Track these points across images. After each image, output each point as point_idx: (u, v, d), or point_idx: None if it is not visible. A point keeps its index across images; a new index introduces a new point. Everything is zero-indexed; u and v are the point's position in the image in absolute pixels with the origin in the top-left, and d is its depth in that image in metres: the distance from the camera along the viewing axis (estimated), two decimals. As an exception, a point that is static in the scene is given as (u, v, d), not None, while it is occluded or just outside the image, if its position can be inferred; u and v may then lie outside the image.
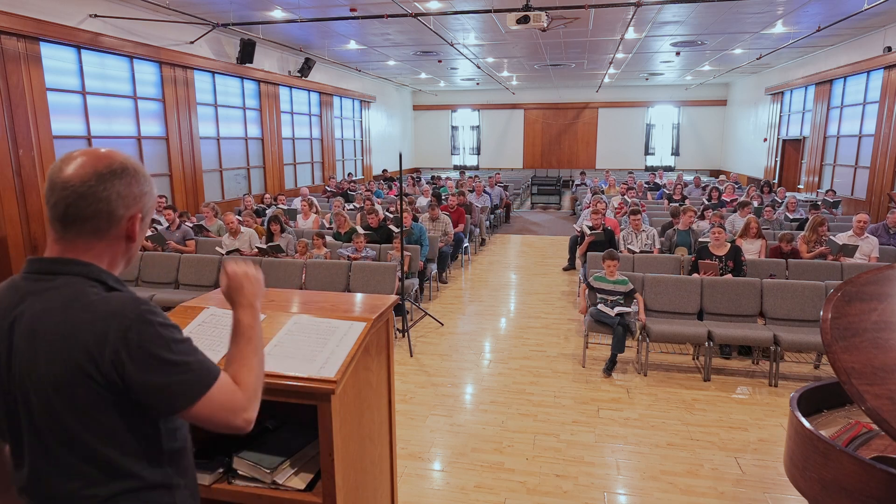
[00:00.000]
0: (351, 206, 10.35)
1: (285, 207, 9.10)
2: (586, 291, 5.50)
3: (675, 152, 21.70)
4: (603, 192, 12.26)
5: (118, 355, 1.08)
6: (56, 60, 7.45)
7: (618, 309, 5.04)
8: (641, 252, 6.66)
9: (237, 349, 1.28)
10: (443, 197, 9.88)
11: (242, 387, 1.22)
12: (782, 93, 15.19)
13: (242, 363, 1.26)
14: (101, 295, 1.14)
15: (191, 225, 7.56)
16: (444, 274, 8.24)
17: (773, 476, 3.44)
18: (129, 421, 1.14)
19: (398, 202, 5.94)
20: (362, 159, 18.30)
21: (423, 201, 10.60)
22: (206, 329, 1.88)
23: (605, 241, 6.76)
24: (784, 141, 15.11)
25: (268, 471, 1.74)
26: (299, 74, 13.13)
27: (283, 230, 6.97)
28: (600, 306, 5.17)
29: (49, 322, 1.10)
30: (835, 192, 10.57)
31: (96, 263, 1.17)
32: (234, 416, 1.18)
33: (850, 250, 6.04)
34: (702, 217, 8.05)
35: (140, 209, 1.22)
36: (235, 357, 1.27)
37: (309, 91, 14.25)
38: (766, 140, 16.12)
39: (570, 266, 8.87)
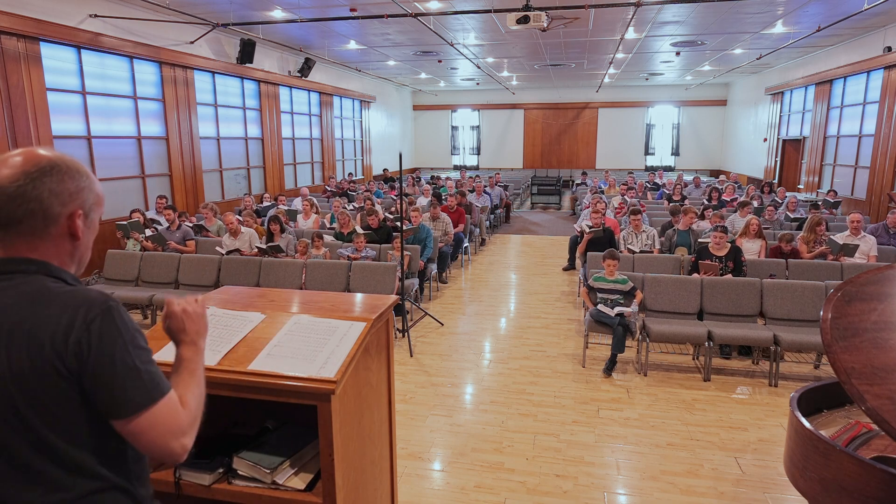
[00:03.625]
0: (351, 207, 10.35)
1: (285, 208, 9.10)
2: (587, 293, 5.50)
3: (675, 152, 21.70)
4: (603, 192, 12.26)
5: (80, 346, 1.07)
6: (56, 60, 7.45)
7: (618, 309, 5.04)
8: (641, 252, 6.66)
9: (179, 378, 1.25)
10: (443, 197, 9.89)
11: (186, 406, 1.18)
12: (782, 93, 15.19)
13: (188, 387, 1.23)
14: (65, 289, 1.13)
15: (190, 225, 7.56)
16: (444, 274, 8.24)
17: (773, 476, 3.44)
18: (94, 419, 1.11)
19: (398, 202, 5.94)
20: (362, 159, 18.30)
21: (423, 201, 10.61)
22: (206, 329, 1.87)
23: (604, 241, 6.76)
24: (784, 141, 15.11)
25: (268, 471, 1.74)
26: (299, 74, 13.13)
27: (283, 230, 6.96)
28: (600, 306, 5.17)
29: (16, 317, 1.09)
30: (836, 193, 10.57)
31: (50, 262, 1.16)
32: (173, 440, 1.13)
33: (850, 250, 6.04)
34: (702, 217, 8.05)
35: (79, 206, 1.18)
36: (179, 384, 1.24)
37: (309, 91, 14.25)
38: (766, 140, 16.13)
39: (570, 266, 8.87)
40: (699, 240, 6.70)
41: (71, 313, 1.08)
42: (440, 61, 14.45)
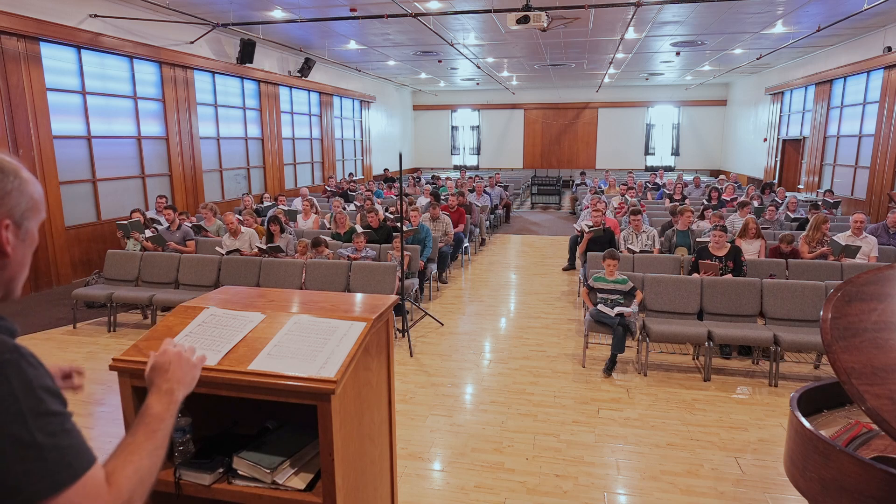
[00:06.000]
0: (351, 207, 10.35)
1: (285, 208, 9.11)
2: (587, 293, 5.50)
3: (675, 152, 21.72)
4: (603, 192, 12.26)
5: None
6: (56, 60, 7.46)
7: (618, 309, 5.04)
8: (641, 252, 6.66)
9: (132, 438, 1.02)
10: (441, 197, 9.88)
11: (114, 488, 0.92)
12: (782, 93, 15.19)
13: (130, 458, 0.98)
14: None
15: (189, 225, 7.56)
16: (444, 274, 8.24)
17: (773, 476, 3.44)
18: None
19: (398, 202, 5.94)
20: (362, 159, 18.31)
21: (423, 201, 10.61)
22: (207, 329, 1.88)
23: (604, 241, 6.76)
24: (784, 141, 15.12)
25: (268, 471, 1.74)
26: (299, 74, 13.13)
27: (282, 230, 6.96)
28: (600, 306, 5.17)
29: None
30: (832, 193, 10.57)
31: None
32: None
33: (852, 251, 6.03)
34: (702, 217, 8.05)
35: (6, 215, 0.96)
36: (126, 447, 1.00)
37: (309, 91, 14.26)
38: (766, 140, 16.13)
39: (570, 266, 8.87)
40: (699, 240, 6.70)
41: None
42: (440, 61, 14.45)
